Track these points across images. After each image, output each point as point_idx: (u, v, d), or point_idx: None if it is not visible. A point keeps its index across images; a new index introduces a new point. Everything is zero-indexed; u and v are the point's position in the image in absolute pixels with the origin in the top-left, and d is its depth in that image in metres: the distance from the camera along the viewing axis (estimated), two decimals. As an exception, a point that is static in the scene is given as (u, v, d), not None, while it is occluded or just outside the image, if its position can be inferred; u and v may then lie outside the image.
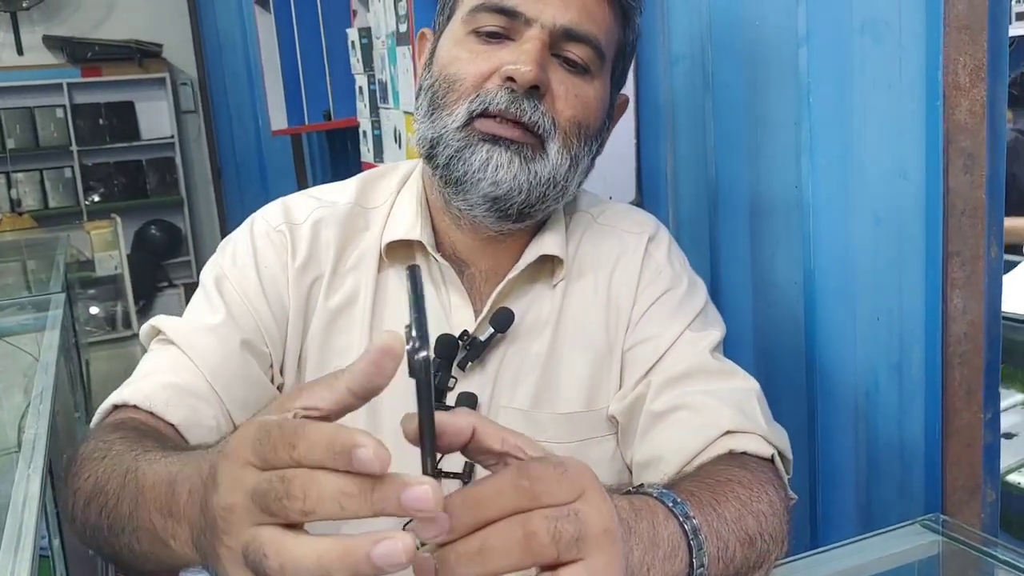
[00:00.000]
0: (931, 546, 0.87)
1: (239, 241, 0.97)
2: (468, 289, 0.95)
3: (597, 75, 0.89)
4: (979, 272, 0.89)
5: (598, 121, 0.91)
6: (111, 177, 5.17)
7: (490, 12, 0.86)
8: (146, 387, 0.85)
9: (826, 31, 1.03)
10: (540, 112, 0.85)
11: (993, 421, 0.94)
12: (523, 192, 0.87)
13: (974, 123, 0.87)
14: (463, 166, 0.86)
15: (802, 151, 1.09)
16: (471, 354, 0.92)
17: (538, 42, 0.85)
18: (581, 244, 0.99)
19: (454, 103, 0.87)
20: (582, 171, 0.92)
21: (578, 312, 0.96)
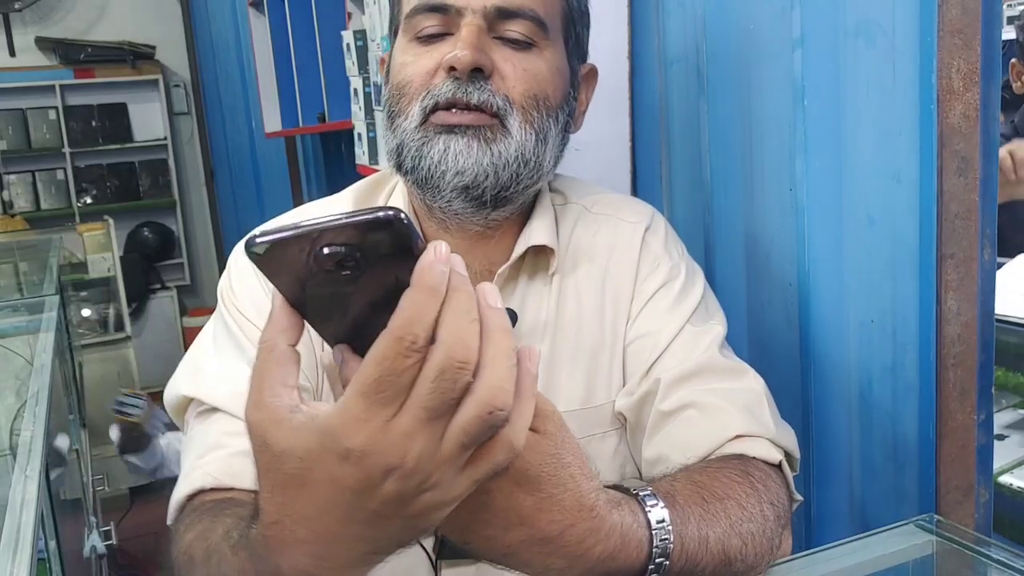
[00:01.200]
0: (925, 546, 0.88)
1: (243, 272, 0.94)
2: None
3: (545, 47, 0.88)
4: (973, 274, 0.90)
5: (558, 92, 0.90)
6: (104, 179, 5.15)
7: (424, 14, 0.87)
8: (212, 467, 0.81)
9: (820, 34, 1.04)
10: (489, 91, 0.85)
11: (987, 422, 0.94)
12: (490, 175, 0.86)
13: (968, 127, 0.88)
14: (425, 162, 0.86)
15: (796, 154, 1.09)
16: None
17: (473, 27, 0.85)
18: (574, 234, 0.98)
19: (407, 106, 0.88)
20: (554, 145, 0.91)
21: (574, 307, 0.95)
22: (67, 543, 1.80)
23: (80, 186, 5.08)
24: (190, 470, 0.83)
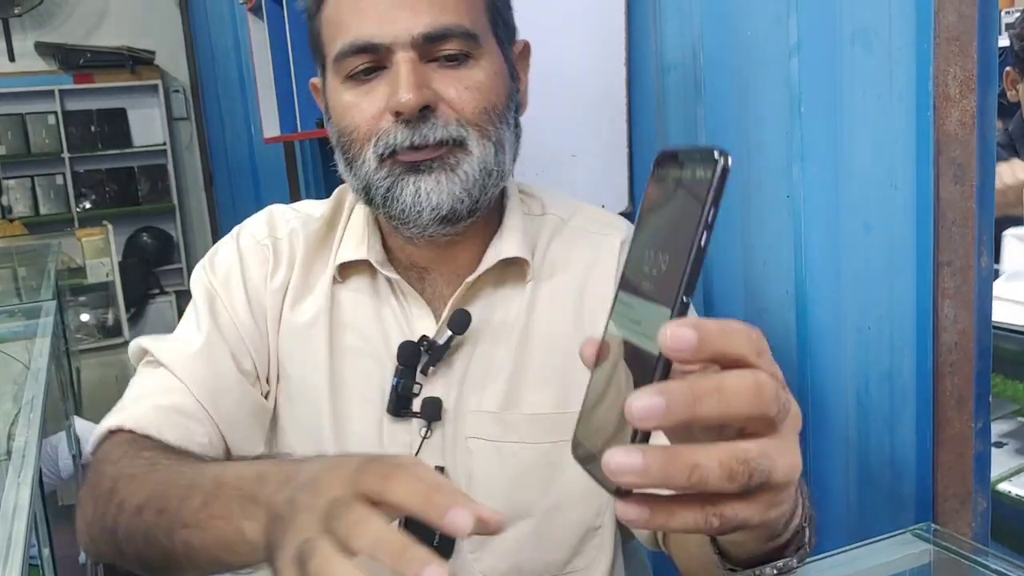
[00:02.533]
0: (922, 555, 0.87)
1: (227, 255, 0.99)
2: (432, 295, 0.96)
3: (480, 55, 0.87)
4: (970, 282, 0.90)
5: (503, 93, 0.90)
6: (103, 184, 5.16)
7: (352, 56, 0.86)
8: (138, 411, 0.88)
9: (817, 41, 1.04)
10: (441, 125, 0.85)
11: (984, 430, 0.94)
12: (465, 199, 0.87)
13: (964, 133, 0.87)
14: (398, 204, 0.87)
15: (793, 160, 1.09)
16: (432, 358, 0.92)
17: (407, 64, 0.84)
18: (551, 247, 0.99)
19: (360, 151, 0.88)
20: (511, 146, 0.91)
21: (548, 314, 0.96)
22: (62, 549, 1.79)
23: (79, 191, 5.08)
24: (120, 408, 0.90)
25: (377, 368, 0.94)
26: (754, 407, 0.44)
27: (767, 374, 0.45)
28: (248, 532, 0.60)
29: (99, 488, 0.78)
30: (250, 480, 0.62)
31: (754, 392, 0.44)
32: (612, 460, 0.42)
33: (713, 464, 0.43)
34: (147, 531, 0.70)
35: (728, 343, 0.45)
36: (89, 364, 3.77)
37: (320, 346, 0.95)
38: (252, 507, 0.60)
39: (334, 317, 0.96)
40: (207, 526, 0.64)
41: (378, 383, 0.94)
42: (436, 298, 0.96)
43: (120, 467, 0.79)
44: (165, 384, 0.91)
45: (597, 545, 0.96)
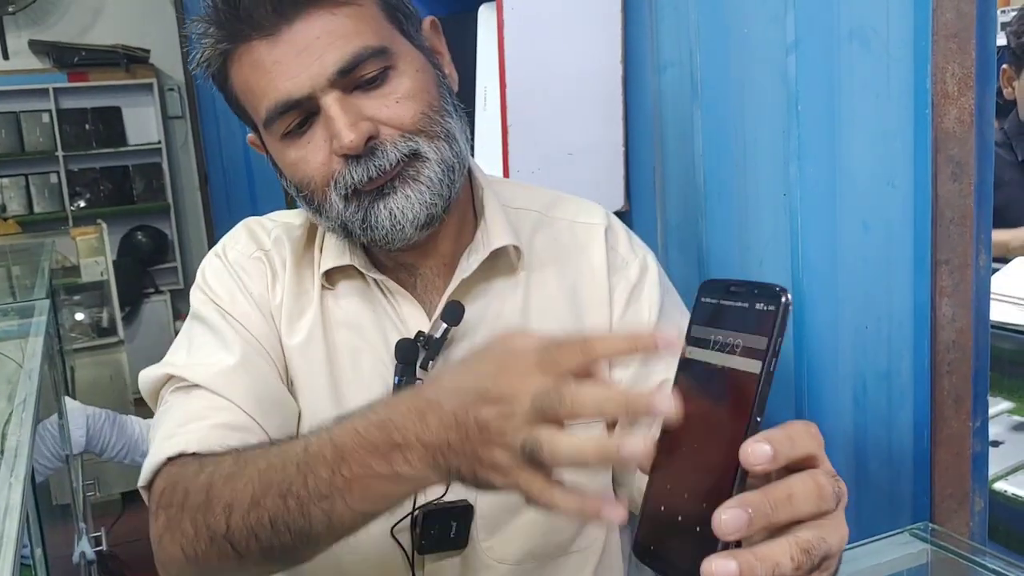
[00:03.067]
0: (920, 555, 0.87)
1: (220, 273, 0.98)
2: (422, 290, 0.96)
3: (397, 62, 0.86)
4: (968, 280, 0.89)
5: (432, 86, 0.89)
6: (97, 183, 5.13)
7: (280, 117, 0.85)
8: (196, 435, 0.85)
9: (814, 39, 1.03)
10: (390, 148, 0.84)
11: (982, 429, 0.94)
12: (438, 202, 0.87)
13: (962, 131, 0.87)
14: (378, 231, 0.87)
15: (790, 158, 1.08)
16: (430, 353, 0.92)
17: (335, 105, 0.83)
18: (535, 240, 1.00)
19: (324, 198, 0.88)
20: (460, 131, 0.90)
21: (544, 304, 0.97)
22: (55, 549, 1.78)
23: (73, 190, 5.06)
24: (170, 435, 0.85)
25: (378, 368, 0.94)
26: (817, 508, 0.51)
27: (824, 474, 0.53)
28: (406, 473, 0.62)
29: (191, 504, 0.76)
30: (374, 433, 0.64)
31: (817, 495, 0.51)
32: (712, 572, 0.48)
33: (786, 559, 0.50)
34: (273, 519, 0.69)
35: (795, 449, 0.52)
36: (83, 363, 3.75)
37: (318, 355, 0.95)
38: (396, 453, 0.62)
39: (328, 324, 0.96)
40: (349, 488, 0.65)
41: (380, 383, 0.94)
42: (428, 292, 0.96)
43: (206, 477, 0.76)
44: (210, 404, 0.88)
45: (597, 523, 0.98)
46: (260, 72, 0.84)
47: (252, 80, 0.86)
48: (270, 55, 0.84)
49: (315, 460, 0.67)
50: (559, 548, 0.97)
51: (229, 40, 0.85)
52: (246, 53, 0.85)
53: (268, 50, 0.84)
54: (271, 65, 0.84)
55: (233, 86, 0.89)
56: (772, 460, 0.49)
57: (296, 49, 0.83)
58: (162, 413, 0.91)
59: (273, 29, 0.83)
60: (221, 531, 0.72)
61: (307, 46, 0.83)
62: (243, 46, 0.85)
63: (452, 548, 0.93)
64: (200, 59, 0.88)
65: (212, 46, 0.87)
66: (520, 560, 0.95)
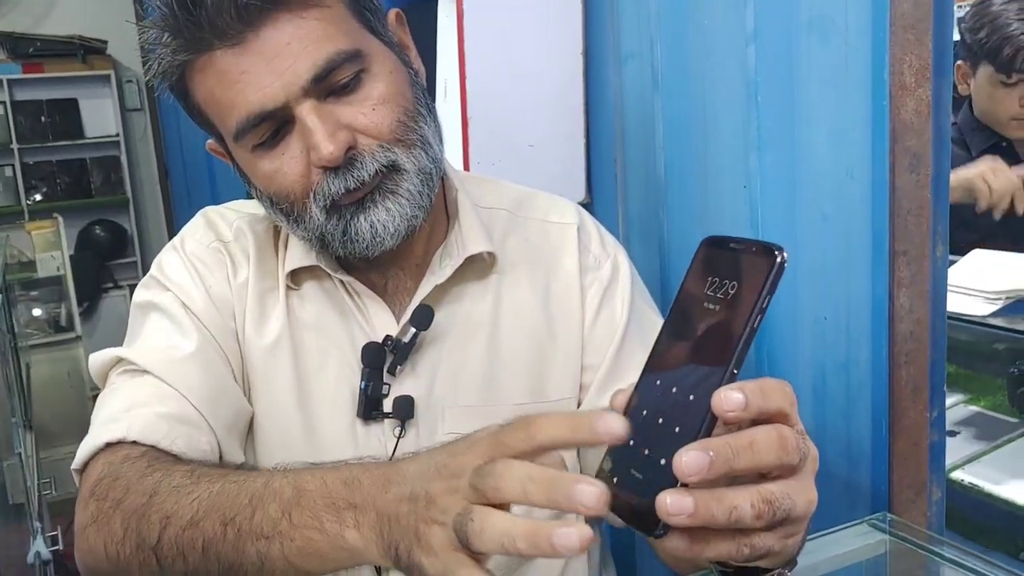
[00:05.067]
0: (878, 545, 0.88)
1: (177, 265, 0.94)
2: (392, 291, 0.94)
3: (371, 65, 0.83)
4: (925, 271, 0.90)
5: (406, 88, 0.86)
6: (54, 176, 5.05)
7: (253, 129, 0.81)
8: (139, 421, 0.81)
9: (773, 29, 1.03)
10: (369, 159, 0.82)
11: (939, 419, 0.94)
12: (419, 212, 0.85)
13: (920, 123, 0.87)
14: (358, 243, 0.85)
15: (750, 150, 1.08)
16: (398, 357, 0.90)
17: (312, 115, 0.80)
18: (507, 241, 0.98)
19: (303, 209, 0.84)
20: (434, 135, 0.88)
21: (516, 307, 0.96)
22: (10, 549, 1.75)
23: (29, 183, 4.97)
24: (113, 419, 0.82)
25: (344, 372, 0.92)
26: (779, 458, 0.51)
27: (789, 428, 0.52)
28: (351, 539, 0.60)
29: (128, 504, 0.72)
30: (339, 486, 0.61)
31: (779, 445, 0.51)
32: (667, 504, 0.48)
33: (746, 505, 0.50)
34: (207, 543, 0.66)
35: (768, 402, 0.51)
36: (40, 360, 3.70)
37: (284, 358, 0.92)
38: (350, 513, 0.60)
39: (294, 327, 0.93)
40: (291, 536, 0.62)
41: (347, 387, 0.92)
42: (398, 293, 0.95)
43: (153, 482, 0.73)
44: (158, 392, 0.85)
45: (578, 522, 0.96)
46: (227, 83, 0.80)
47: (218, 92, 0.81)
48: (237, 65, 0.79)
49: (270, 496, 0.65)
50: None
51: (190, 50, 0.80)
52: (209, 63, 0.80)
53: (235, 60, 0.79)
54: (239, 75, 0.79)
55: (196, 97, 0.84)
56: (744, 408, 0.49)
57: (265, 58, 0.78)
58: (106, 395, 0.87)
59: (239, 38, 0.78)
60: (151, 541, 0.69)
61: (277, 54, 0.78)
62: (205, 56, 0.80)
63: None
64: (158, 70, 0.83)
65: (170, 56, 0.81)
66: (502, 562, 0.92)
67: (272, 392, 0.92)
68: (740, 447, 0.50)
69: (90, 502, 0.76)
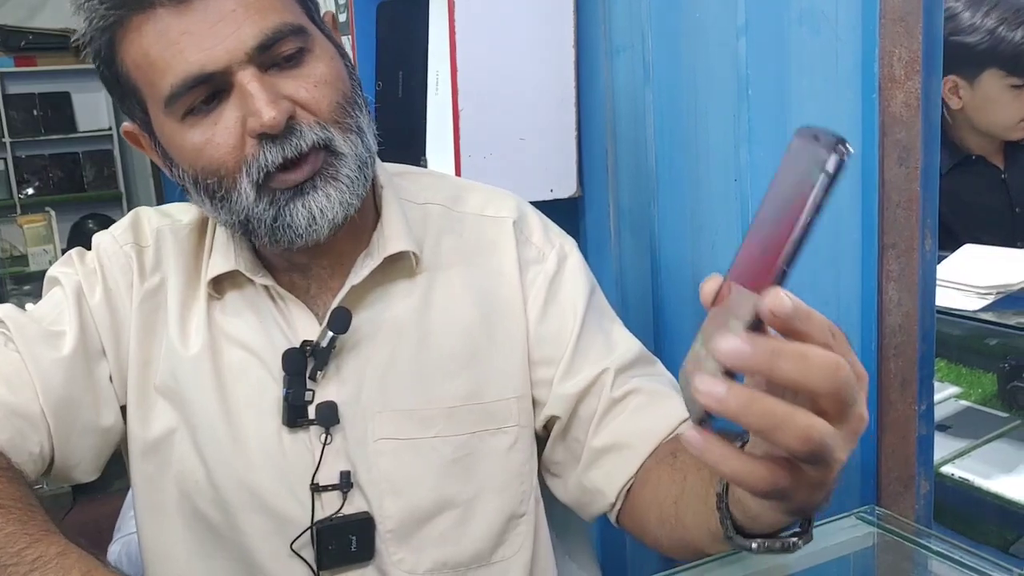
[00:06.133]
0: (866, 538, 0.87)
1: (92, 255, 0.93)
2: (315, 293, 0.92)
3: (313, 45, 0.83)
4: (914, 264, 0.90)
5: (343, 75, 0.85)
6: (46, 170, 5.04)
7: (188, 92, 0.79)
8: None
9: (764, 22, 1.03)
10: (307, 130, 0.80)
11: (928, 413, 0.94)
12: (354, 202, 0.83)
13: (909, 115, 0.87)
14: (291, 231, 0.82)
15: (740, 143, 1.08)
16: (318, 363, 0.89)
17: (254, 82, 0.78)
18: (442, 239, 0.96)
19: (232, 185, 0.81)
20: (368, 126, 0.86)
21: (447, 305, 0.94)
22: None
23: (21, 177, 4.96)
24: None
25: (268, 379, 0.90)
26: (830, 384, 0.48)
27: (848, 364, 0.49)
28: None
29: None
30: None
31: (833, 371, 0.48)
32: (700, 384, 0.48)
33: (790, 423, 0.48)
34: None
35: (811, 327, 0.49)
36: (32, 354, 3.68)
37: (206, 370, 0.90)
38: None
39: (215, 338, 0.91)
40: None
41: (271, 395, 0.90)
42: (322, 294, 0.92)
43: None
44: (14, 373, 0.84)
45: (522, 532, 0.95)
46: (165, 43, 0.77)
47: (154, 52, 0.78)
48: (179, 25, 0.77)
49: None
50: (477, 558, 0.93)
51: (129, 6, 0.78)
52: (148, 21, 0.77)
53: (176, 19, 0.77)
54: (179, 36, 0.77)
55: (125, 61, 0.81)
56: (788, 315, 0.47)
57: (209, 21, 0.77)
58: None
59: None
60: None
61: (222, 18, 0.77)
62: (144, 14, 0.77)
63: (357, 561, 0.89)
64: (88, 28, 0.81)
65: (105, 11, 0.79)
66: (433, 571, 0.91)
67: (197, 402, 0.90)
68: (786, 353, 0.48)
69: None
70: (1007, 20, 1.72)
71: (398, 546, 0.91)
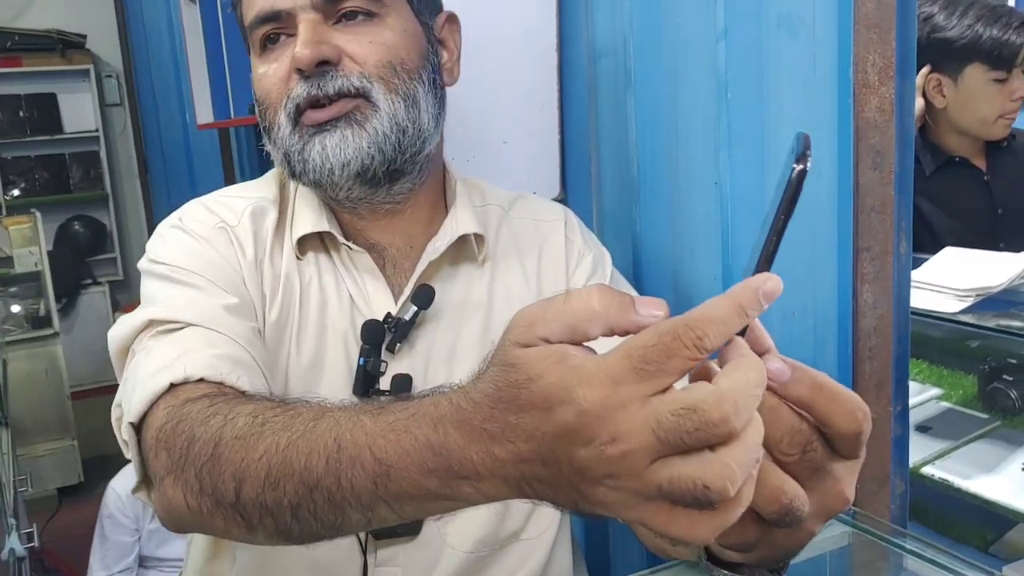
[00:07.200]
0: (842, 537, 0.88)
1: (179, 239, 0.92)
2: (390, 272, 0.96)
3: (386, 14, 0.90)
4: (888, 267, 0.91)
5: (413, 53, 0.91)
6: (32, 171, 5.01)
7: (261, 25, 0.89)
8: (200, 362, 0.75)
9: (743, 27, 1.04)
10: (342, 77, 0.87)
11: (903, 414, 0.95)
12: (374, 154, 0.88)
13: (883, 120, 0.88)
14: (310, 165, 0.88)
15: (720, 147, 1.09)
16: (398, 334, 0.92)
17: (305, 23, 0.86)
18: (500, 232, 1.03)
19: (275, 117, 0.90)
20: (428, 106, 0.91)
21: (508, 293, 0.99)
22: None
23: (7, 178, 4.93)
24: (165, 367, 0.75)
25: (341, 347, 0.93)
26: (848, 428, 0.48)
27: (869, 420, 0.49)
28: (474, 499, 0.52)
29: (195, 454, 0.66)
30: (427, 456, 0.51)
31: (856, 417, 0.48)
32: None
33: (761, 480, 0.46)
34: (295, 507, 0.59)
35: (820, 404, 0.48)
36: (17, 356, 3.67)
37: (286, 331, 0.93)
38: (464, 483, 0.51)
39: (297, 302, 0.94)
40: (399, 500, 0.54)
41: (343, 363, 0.93)
42: (396, 274, 0.97)
43: (215, 429, 0.66)
44: (207, 339, 0.80)
45: (547, 512, 0.99)
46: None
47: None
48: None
49: (350, 464, 0.56)
50: (511, 536, 0.97)
51: None
52: None
53: None
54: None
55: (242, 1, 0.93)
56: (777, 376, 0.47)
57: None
58: (141, 357, 0.80)
59: None
60: (230, 500, 0.63)
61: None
62: None
63: (405, 534, 0.93)
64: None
65: None
66: (473, 547, 0.95)
67: (274, 365, 0.92)
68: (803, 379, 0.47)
69: (159, 451, 0.70)
70: (983, 17, 1.74)
71: (444, 521, 0.94)
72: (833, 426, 0.48)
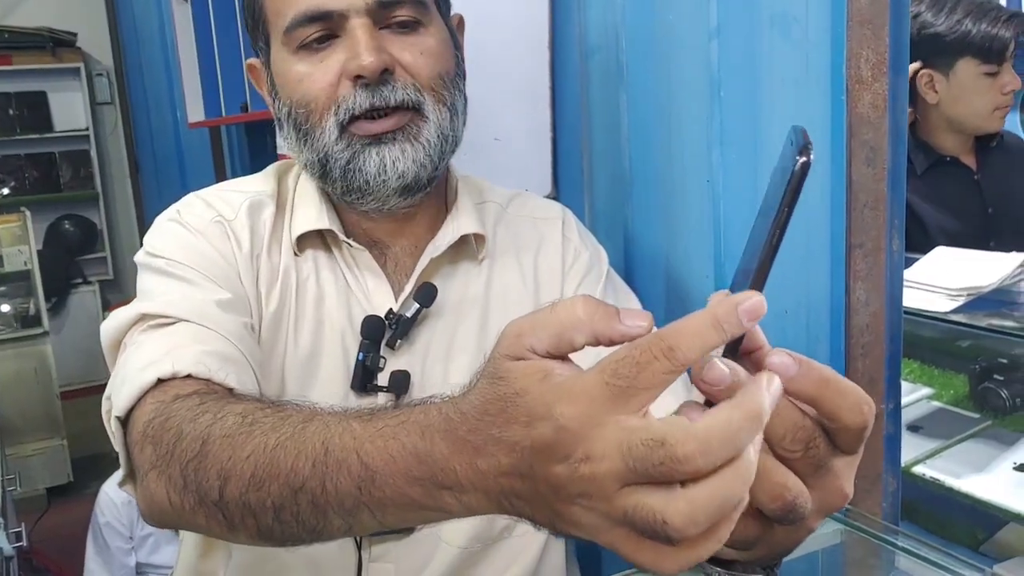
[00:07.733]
0: (834, 535, 0.88)
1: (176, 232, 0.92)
2: (391, 269, 0.96)
3: (429, 22, 0.90)
4: (881, 264, 0.91)
5: (451, 61, 0.92)
6: (22, 170, 4.98)
7: (305, 24, 0.87)
8: (187, 358, 0.75)
9: (736, 25, 1.04)
10: (400, 88, 0.86)
11: (895, 412, 0.95)
12: (428, 166, 0.88)
13: (876, 116, 0.88)
14: (361, 176, 0.87)
15: (713, 145, 1.09)
16: (399, 331, 0.92)
17: (363, 28, 0.85)
18: (497, 230, 1.03)
19: (319, 121, 0.88)
20: (462, 112, 0.93)
21: (505, 291, 0.99)
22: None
23: (-4, 177, 4.91)
24: (154, 361, 0.75)
25: (339, 342, 0.93)
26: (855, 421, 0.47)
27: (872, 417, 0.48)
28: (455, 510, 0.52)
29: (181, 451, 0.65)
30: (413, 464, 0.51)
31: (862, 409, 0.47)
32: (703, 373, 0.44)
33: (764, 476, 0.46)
34: (278, 508, 0.59)
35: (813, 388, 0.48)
36: (6, 356, 3.65)
37: (284, 325, 0.93)
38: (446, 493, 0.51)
39: (296, 296, 0.94)
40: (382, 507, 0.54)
41: (342, 359, 0.93)
42: (397, 271, 0.97)
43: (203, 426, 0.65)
44: (197, 335, 0.80)
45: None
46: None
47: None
48: None
49: (336, 468, 0.56)
50: (505, 532, 0.97)
51: None
52: None
53: None
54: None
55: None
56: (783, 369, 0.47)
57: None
58: (131, 351, 0.80)
59: None
60: (213, 498, 0.63)
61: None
62: None
63: (399, 530, 0.92)
64: None
65: None
66: (467, 543, 0.95)
67: (269, 359, 0.92)
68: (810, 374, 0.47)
69: (144, 445, 0.70)
70: (972, 13, 1.74)
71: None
72: (840, 420, 0.47)
